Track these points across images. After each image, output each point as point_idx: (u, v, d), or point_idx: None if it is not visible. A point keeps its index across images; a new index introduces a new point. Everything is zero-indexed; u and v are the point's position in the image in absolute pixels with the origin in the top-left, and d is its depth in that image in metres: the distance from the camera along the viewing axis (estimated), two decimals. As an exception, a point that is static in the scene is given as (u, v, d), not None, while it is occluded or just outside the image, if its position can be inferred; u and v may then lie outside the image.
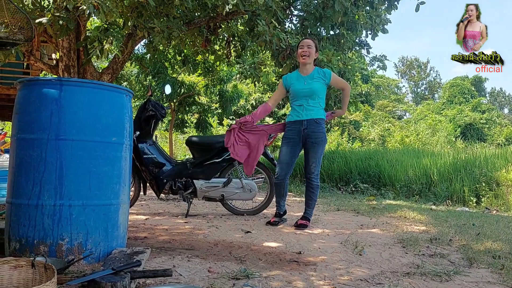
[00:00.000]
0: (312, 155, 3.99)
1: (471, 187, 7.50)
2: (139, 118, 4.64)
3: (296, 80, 4.12)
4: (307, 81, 4.05)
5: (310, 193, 4.07)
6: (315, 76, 4.07)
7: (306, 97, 4.01)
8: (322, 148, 4.04)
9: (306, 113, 4.00)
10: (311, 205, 4.09)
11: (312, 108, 4.00)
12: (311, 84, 4.02)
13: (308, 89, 4.01)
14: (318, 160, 4.02)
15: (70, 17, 5.29)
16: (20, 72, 10.55)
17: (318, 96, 4.03)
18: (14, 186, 2.43)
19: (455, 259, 2.97)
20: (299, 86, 4.06)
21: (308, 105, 4.01)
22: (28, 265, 1.89)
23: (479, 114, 27.30)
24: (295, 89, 4.07)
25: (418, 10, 6.69)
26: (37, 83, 2.52)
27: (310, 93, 4.00)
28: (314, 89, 4.00)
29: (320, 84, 4.05)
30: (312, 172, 4.00)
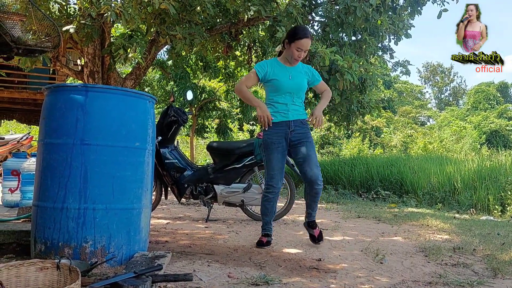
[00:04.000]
0: (311, 154, 3.40)
1: (496, 195, 7.33)
2: (161, 123, 4.70)
3: (279, 71, 3.43)
4: (293, 74, 3.43)
5: (316, 198, 3.52)
6: (301, 71, 3.49)
7: (291, 94, 3.41)
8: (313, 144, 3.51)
9: (293, 113, 3.41)
10: (315, 208, 3.61)
11: (298, 108, 3.45)
12: (297, 79, 3.43)
13: (295, 84, 3.42)
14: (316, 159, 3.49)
15: (94, 25, 5.41)
16: (46, 77, 10.81)
17: (303, 94, 3.51)
18: (40, 189, 2.49)
19: (479, 269, 2.91)
20: (284, 80, 3.39)
21: (293, 103, 3.42)
22: (53, 267, 1.94)
23: (505, 121, 26.70)
24: (279, 83, 3.39)
25: (440, 17, 6.61)
26: (63, 89, 2.58)
27: (297, 89, 3.43)
28: (302, 85, 3.45)
29: (306, 81, 3.50)
30: (319, 175, 3.41)
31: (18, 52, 2.66)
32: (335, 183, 10.31)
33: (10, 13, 2.79)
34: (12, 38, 2.55)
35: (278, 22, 6.53)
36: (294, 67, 3.47)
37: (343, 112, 8.35)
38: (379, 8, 6.81)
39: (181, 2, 5.80)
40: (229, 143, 5.21)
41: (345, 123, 9.30)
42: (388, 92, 28.44)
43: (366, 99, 8.28)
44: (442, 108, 43.11)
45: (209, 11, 5.88)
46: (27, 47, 2.64)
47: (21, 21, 2.81)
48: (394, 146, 21.54)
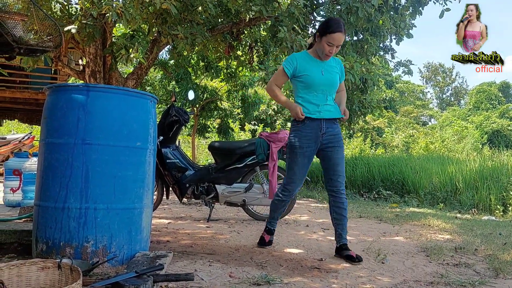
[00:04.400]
0: (339, 162, 3.11)
1: (498, 195, 7.32)
2: (162, 123, 4.71)
3: (310, 66, 3.14)
4: (325, 69, 3.13)
5: (343, 211, 3.13)
6: (334, 65, 3.21)
7: (324, 92, 3.11)
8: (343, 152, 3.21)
9: (325, 113, 3.11)
10: (344, 225, 3.15)
11: (331, 107, 3.14)
12: (330, 74, 3.14)
13: (328, 80, 3.12)
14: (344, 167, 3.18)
15: (96, 25, 5.41)
16: (48, 77, 10.82)
17: (335, 92, 3.21)
18: (42, 189, 2.49)
19: (481, 269, 2.91)
20: (316, 75, 3.10)
21: (326, 103, 3.12)
22: (54, 266, 1.94)
23: (507, 121, 26.64)
24: (311, 79, 3.09)
25: (442, 17, 6.60)
26: (65, 89, 2.59)
27: (330, 86, 3.13)
28: (335, 81, 3.15)
29: (338, 77, 3.20)
30: (342, 184, 3.13)
31: (20, 52, 2.66)
32: (336, 183, 10.27)
33: (12, 13, 2.80)
34: (14, 38, 2.55)
35: (280, 22, 6.53)
36: (326, 62, 3.17)
37: (345, 112, 8.33)
38: (381, 8, 6.80)
39: (183, 2, 5.80)
40: (231, 143, 5.21)
41: (347, 123, 9.30)
42: (389, 92, 28.41)
43: (367, 99, 8.27)
44: (443, 108, 43.05)
45: (211, 11, 5.88)
46: (29, 47, 2.64)
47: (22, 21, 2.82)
48: (395, 146, 21.51)
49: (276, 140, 4.60)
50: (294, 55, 3.23)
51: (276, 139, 4.60)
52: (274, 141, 4.60)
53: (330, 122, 3.13)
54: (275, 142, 4.59)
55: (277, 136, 4.62)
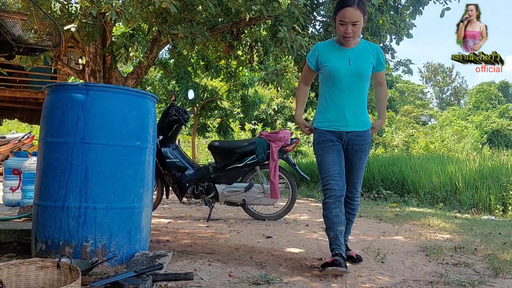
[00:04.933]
0: (358, 168, 2.84)
1: (498, 195, 7.32)
2: (162, 122, 4.70)
3: (333, 54, 2.74)
4: (353, 57, 2.70)
5: (351, 216, 2.96)
6: (365, 51, 2.75)
7: (351, 87, 2.71)
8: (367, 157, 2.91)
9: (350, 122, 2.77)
10: (349, 230, 3.04)
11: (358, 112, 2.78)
12: (358, 62, 2.70)
13: (355, 70, 2.69)
14: (363, 174, 2.93)
15: (96, 24, 5.41)
16: (47, 76, 10.82)
17: (365, 84, 2.78)
18: (41, 188, 2.49)
19: (480, 269, 2.90)
20: (339, 65, 2.69)
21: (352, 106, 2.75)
22: (53, 266, 1.94)
23: (506, 120, 26.65)
24: (333, 71, 2.70)
25: (443, 16, 6.60)
26: (64, 88, 2.58)
27: (357, 78, 2.71)
28: (363, 71, 2.71)
29: (370, 66, 2.75)
30: (357, 192, 2.91)
31: (19, 51, 2.65)
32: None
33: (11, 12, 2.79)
34: (13, 37, 2.55)
35: (280, 21, 6.53)
36: (355, 48, 2.73)
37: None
38: (381, 7, 6.80)
39: (183, 1, 5.80)
40: (231, 142, 5.21)
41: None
42: (390, 91, 28.41)
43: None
44: (443, 107, 43.05)
45: (211, 10, 5.88)
46: (28, 46, 2.64)
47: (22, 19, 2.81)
48: (395, 146, 21.52)
49: (276, 139, 4.60)
50: (318, 44, 2.85)
51: (276, 138, 4.60)
52: (274, 140, 4.60)
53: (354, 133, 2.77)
54: (275, 141, 4.59)
55: (277, 136, 4.62)
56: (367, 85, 2.80)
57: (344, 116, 2.74)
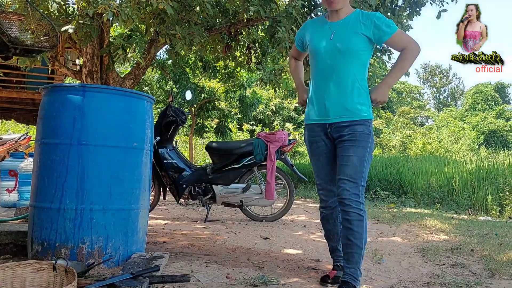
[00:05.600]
0: (350, 163, 2.23)
1: (494, 196, 7.33)
2: (160, 123, 4.70)
3: (317, 31, 2.36)
4: (338, 30, 2.28)
5: (346, 231, 2.24)
6: (353, 22, 2.27)
7: (332, 68, 2.26)
8: (364, 150, 2.24)
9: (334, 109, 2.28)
10: (350, 256, 2.22)
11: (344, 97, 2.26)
12: (342, 36, 2.25)
13: (338, 45, 2.24)
14: (356, 170, 2.22)
15: (93, 25, 5.40)
16: (44, 77, 10.78)
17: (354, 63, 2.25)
18: (37, 189, 2.48)
19: (477, 270, 2.91)
20: (320, 42, 2.30)
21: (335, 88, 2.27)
22: (49, 268, 1.93)
23: (503, 121, 26.74)
24: (314, 49, 2.33)
25: (439, 17, 6.62)
26: (61, 89, 2.58)
27: (341, 55, 2.24)
28: (348, 47, 2.23)
29: (360, 39, 2.24)
30: (347, 192, 2.21)
31: (16, 52, 2.65)
32: (334, 183, 10.29)
33: (8, 12, 2.79)
34: (10, 38, 2.54)
35: (278, 22, 6.53)
36: (344, 20, 2.29)
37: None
38: (378, 8, 6.80)
39: (181, 2, 5.79)
40: (228, 143, 5.21)
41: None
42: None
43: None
44: (440, 108, 43.17)
45: (208, 11, 5.87)
46: (25, 47, 2.63)
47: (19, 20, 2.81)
48: (393, 147, 21.57)
49: (274, 140, 4.60)
50: (307, 21, 2.54)
51: (274, 139, 4.61)
52: (272, 141, 4.60)
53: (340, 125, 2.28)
54: (273, 142, 4.59)
55: (275, 137, 4.62)
56: (359, 64, 2.26)
57: (323, 105, 2.29)
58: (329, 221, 2.47)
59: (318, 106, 2.33)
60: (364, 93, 2.27)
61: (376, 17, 2.26)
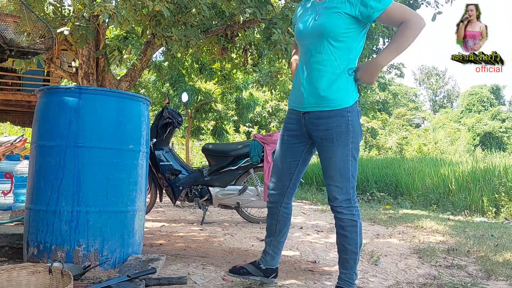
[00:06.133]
0: (331, 164, 2.07)
1: (490, 197, 7.36)
2: (156, 125, 4.69)
3: (306, 11, 2.19)
4: (322, 10, 2.08)
5: (340, 238, 2.16)
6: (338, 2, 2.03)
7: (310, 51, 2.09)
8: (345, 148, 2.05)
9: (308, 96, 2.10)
10: (345, 261, 2.15)
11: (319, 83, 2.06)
12: (326, 17, 2.05)
13: (318, 26, 2.05)
14: (341, 172, 2.06)
15: (89, 27, 5.39)
16: (40, 79, 10.76)
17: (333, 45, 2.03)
18: (33, 192, 2.47)
19: (473, 271, 2.92)
20: (304, 23, 2.14)
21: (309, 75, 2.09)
22: (45, 270, 1.92)
23: (498, 123, 26.88)
24: (297, 31, 2.19)
25: (434, 20, 6.65)
26: (56, 91, 2.57)
27: (318, 36, 2.05)
28: (326, 28, 2.02)
29: (342, 18, 2.01)
30: (335, 200, 2.09)
31: (11, 54, 2.64)
32: (330, 185, 10.31)
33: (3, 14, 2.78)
34: (5, 40, 2.53)
35: (274, 24, 6.54)
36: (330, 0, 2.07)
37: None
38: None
39: (177, 4, 5.79)
40: (225, 145, 5.21)
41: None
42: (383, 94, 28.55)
43: (361, 101, 8.30)
44: (436, 110, 43.33)
45: (205, 13, 5.87)
46: (20, 49, 2.62)
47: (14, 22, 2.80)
48: (389, 148, 21.62)
49: (270, 142, 4.60)
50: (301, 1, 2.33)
51: (270, 141, 4.60)
52: (268, 143, 4.60)
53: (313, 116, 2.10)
54: (269, 144, 4.59)
55: (271, 138, 4.62)
56: (342, 47, 2.04)
57: (299, 91, 2.13)
58: (269, 216, 2.32)
59: (295, 91, 2.19)
60: (345, 79, 2.04)
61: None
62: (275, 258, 2.32)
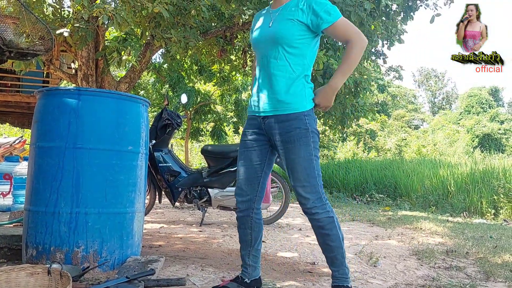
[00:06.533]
0: (296, 165, 2.08)
1: (489, 198, 7.37)
2: (155, 127, 4.69)
3: (261, 20, 2.23)
4: (276, 17, 2.12)
5: (322, 238, 2.13)
6: (292, 8, 2.08)
7: (267, 57, 2.11)
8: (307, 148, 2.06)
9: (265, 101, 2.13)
10: (333, 259, 2.13)
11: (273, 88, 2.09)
12: (279, 24, 2.08)
13: (271, 33, 2.09)
14: (307, 172, 2.06)
15: (89, 28, 5.40)
16: (40, 80, 10.75)
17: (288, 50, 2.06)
18: (32, 193, 2.47)
19: (472, 272, 2.92)
20: (258, 31, 2.19)
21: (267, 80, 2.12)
22: (44, 272, 1.92)
23: (497, 124, 26.91)
24: (253, 39, 2.24)
25: (433, 22, 6.68)
26: (56, 92, 2.57)
27: (272, 42, 2.09)
28: (279, 34, 2.05)
29: (295, 26, 2.05)
30: (307, 201, 2.09)
31: (10, 55, 2.64)
32: (329, 186, 10.34)
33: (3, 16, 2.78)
34: (4, 41, 2.54)
35: (272, 26, 6.54)
36: (284, 6, 2.12)
37: (338, 115, 8.39)
38: (372, 12, 6.84)
39: (176, 5, 5.80)
40: (224, 146, 5.20)
41: (340, 126, 9.35)
42: (382, 96, 28.58)
43: (360, 102, 8.31)
44: (435, 112, 43.37)
45: (204, 15, 5.88)
46: (19, 50, 2.62)
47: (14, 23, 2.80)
48: (388, 150, 21.63)
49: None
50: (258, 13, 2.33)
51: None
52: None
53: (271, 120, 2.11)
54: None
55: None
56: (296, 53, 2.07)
57: (258, 96, 2.16)
58: (241, 226, 2.26)
59: (253, 97, 2.22)
60: (301, 85, 2.08)
61: (317, 5, 2.03)
62: (256, 268, 2.28)
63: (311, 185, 2.06)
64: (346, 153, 19.34)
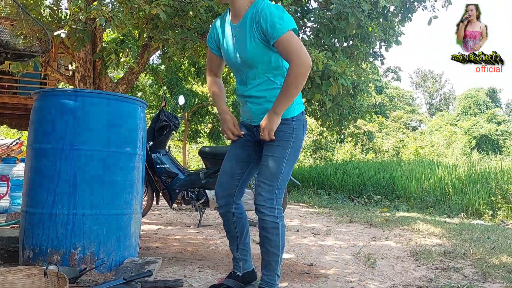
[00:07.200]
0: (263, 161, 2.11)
1: (487, 199, 7.38)
2: (152, 128, 4.69)
3: (225, 31, 2.16)
4: (237, 35, 2.08)
5: (262, 239, 2.12)
6: (249, 26, 2.02)
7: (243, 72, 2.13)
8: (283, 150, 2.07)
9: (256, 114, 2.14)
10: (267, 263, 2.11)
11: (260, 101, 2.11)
12: (241, 43, 2.05)
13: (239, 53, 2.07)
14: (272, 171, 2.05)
15: (86, 29, 5.40)
16: (37, 82, 10.74)
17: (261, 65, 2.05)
18: (29, 195, 2.46)
19: (469, 273, 2.92)
20: (228, 47, 2.13)
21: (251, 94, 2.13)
22: (40, 274, 1.91)
23: (494, 126, 26.97)
24: (226, 55, 2.18)
25: (430, 24, 6.71)
26: (53, 94, 2.56)
27: (246, 64, 2.08)
28: (250, 55, 2.03)
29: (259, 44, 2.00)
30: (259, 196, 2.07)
31: (7, 56, 2.64)
32: (327, 187, 10.35)
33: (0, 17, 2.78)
34: (1, 43, 2.53)
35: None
36: (241, 22, 2.05)
37: (335, 117, 8.40)
38: (370, 14, 6.86)
39: (174, 7, 5.80)
40: (222, 148, 5.20)
41: (338, 127, 9.36)
42: (380, 97, 28.63)
43: (357, 104, 8.32)
44: (433, 113, 43.46)
45: (202, 16, 5.88)
46: (16, 52, 2.62)
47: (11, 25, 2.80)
48: (386, 151, 21.66)
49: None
50: (216, 19, 2.25)
51: (266, 144, 4.60)
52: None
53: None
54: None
55: (268, 141, 4.62)
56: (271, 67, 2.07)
57: (247, 107, 2.18)
58: (225, 222, 2.29)
59: (242, 107, 2.23)
60: None
61: (263, 18, 1.93)
62: (247, 261, 2.30)
63: (269, 185, 2.05)
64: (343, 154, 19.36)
